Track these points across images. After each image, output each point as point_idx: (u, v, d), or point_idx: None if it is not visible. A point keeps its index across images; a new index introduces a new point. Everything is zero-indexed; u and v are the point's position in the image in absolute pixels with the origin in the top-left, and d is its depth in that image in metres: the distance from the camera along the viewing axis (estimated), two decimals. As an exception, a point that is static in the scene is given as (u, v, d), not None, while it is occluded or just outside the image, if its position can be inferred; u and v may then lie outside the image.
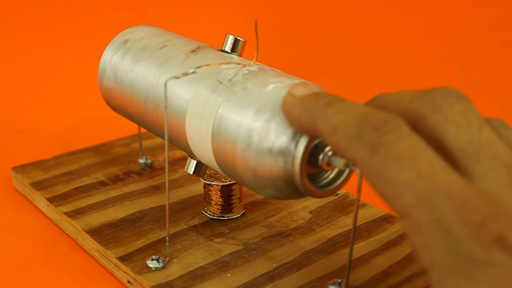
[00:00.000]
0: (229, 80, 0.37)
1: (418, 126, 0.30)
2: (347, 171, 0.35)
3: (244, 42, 0.41)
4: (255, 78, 0.37)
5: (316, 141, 0.34)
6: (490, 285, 0.25)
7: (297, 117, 0.32)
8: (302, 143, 0.33)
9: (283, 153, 0.33)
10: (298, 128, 0.32)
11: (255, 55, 0.40)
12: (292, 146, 0.33)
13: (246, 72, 0.38)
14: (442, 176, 0.27)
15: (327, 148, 0.34)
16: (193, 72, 0.38)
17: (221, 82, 0.37)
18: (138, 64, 0.44)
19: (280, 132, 0.33)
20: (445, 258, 0.26)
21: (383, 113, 0.29)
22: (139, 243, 0.43)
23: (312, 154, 0.34)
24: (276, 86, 0.35)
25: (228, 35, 0.41)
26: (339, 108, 0.30)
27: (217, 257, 0.42)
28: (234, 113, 0.36)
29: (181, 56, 0.42)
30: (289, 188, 0.34)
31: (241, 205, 0.46)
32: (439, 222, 0.26)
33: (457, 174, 0.27)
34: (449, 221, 0.26)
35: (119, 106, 0.47)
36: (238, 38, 0.41)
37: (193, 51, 0.42)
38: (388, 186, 0.27)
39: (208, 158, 0.38)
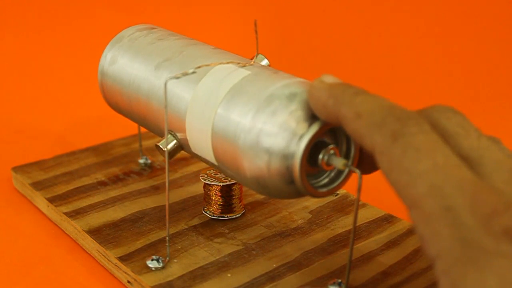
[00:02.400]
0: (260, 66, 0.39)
1: None
2: (346, 171, 0.35)
3: (268, 65, 0.42)
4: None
5: (316, 140, 0.34)
6: (497, 275, 0.25)
7: (323, 101, 0.32)
8: (303, 141, 0.33)
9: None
10: (321, 112, 0.33)
11: (255, 54, 0.40)
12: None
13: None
14: (456, 170, 0.28)
15: (327, 148, 0.34)
16: (193, 72, 0.38)
17: (250, 64, 0.38)
18: (163, 41, 0.44)
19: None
20: (453, 247, 0.26)
21: (408, 109, 0.30)
22: (139, 243, 0.43)
23: (312, 154, 0.34)
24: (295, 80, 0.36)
25: (258, 54, 0.42)
26: (367, 98, 0.31)
27: (217, 257, 0.42)
28: (247, 92, 0.36)
29: (208, 45, 0.43)
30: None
31: (241, 205, 0.46)
32: (449, 210, 0.26)
33: (471, 171, 0.28)
34: (460, 210, 0.26)
35: (118, 86, 0.47)
36: (264, 58, 0.42)
37: (217, 48, 0.43)
38: (402, 174, 0.28)
39: (205, 132, 0.38)
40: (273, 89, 0.35)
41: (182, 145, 0.40)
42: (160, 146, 0.40)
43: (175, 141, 0.40)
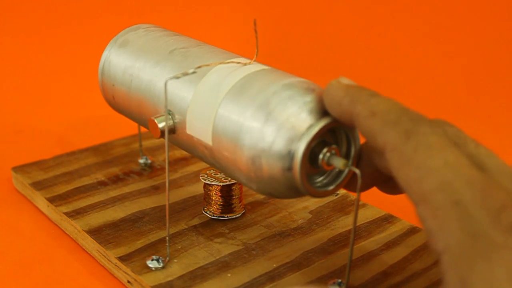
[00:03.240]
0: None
1: None
2: (346, 171, 0.35)
3: None
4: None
5: (317, 141, 0.34)
6: (506, 267, 0.25)
7: (338, 99, 0.33)
8: (303, 142, 0.33)
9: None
10: (335, 109, 0.33)
11: (255, 54, 0.39)
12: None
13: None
14: (466, 168, 0.28)
15: (328, 148, 0.34)
16: (193, 72, 0.38)
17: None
18: (181, 36, 0.45)
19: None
20: (461, 240, 0.26)
21: (422, 114, 0.31)
22: (139, 243, 0.43)
23: (312, 154, 0.34)
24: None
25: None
26: (382, 100, 0.32)
27: (217, 257, 0.42)
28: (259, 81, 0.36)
29: (214, 47, 0.43)
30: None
31: (241, 205, 0.46)
32: (458, 204, 0.27)
33: (479, 171, 0.29)
34: (469, 205, 0.27)
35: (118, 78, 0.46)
36: None
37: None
38: (413, 169, 0.29)
39: (209, 110, 0.37)
40: (292, 80, 0.35)
41: (175, 128, 0.40)
42: (155, 121, 0.40)
43: (171, 121, 0.40)
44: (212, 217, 0.46)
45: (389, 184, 0.36)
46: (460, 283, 0.26)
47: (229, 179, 0.45)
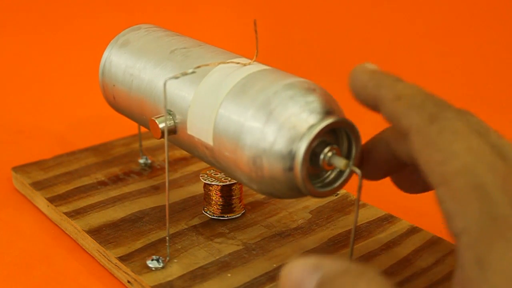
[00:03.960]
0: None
1: None
2: (347, 171, 0.35)
3: None
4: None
5: (318, 141, 0.34)
6: None
7: (364, 82, 0.34)
8: (304, 141, 0.33)
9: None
10: (359, 92, 0.34)
11: (255, 54, 0.39)
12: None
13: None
14: (489, 155, 0.29)
15: (329, 148, 0.34)
16: (193, 72, 0.38)
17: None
18: (182, 37, 0.45)
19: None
20: (480, 221, 0.27)
21: (446, 101, 0.32)
22: (139, 243, 0.43)
23: (313, 154, 0.34)
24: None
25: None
26: (408, 85, 0.33)
27: (217, 257, 0.42)
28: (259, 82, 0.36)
29: (215, 47, 0.43)
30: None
31: (241, 205, 0.46)
32: (479, 188, 0.27)
33: (502, 160, 0.29)
34: (490, 188, 0.27)
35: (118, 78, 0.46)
36: None
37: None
38: (436, 151, 0.29)
39: (207, 121, 0.37)
40: (293, 80, 0.35)
41: (176, 128, 0.40)
42: (156, 121, 0.40)
43: (172, 122, 0.40)
44: (212, 217, 0.46)
45: (405, 177, 0.37)
46: (476, 263, 0.26)
47: (229, 179, 0.45)
